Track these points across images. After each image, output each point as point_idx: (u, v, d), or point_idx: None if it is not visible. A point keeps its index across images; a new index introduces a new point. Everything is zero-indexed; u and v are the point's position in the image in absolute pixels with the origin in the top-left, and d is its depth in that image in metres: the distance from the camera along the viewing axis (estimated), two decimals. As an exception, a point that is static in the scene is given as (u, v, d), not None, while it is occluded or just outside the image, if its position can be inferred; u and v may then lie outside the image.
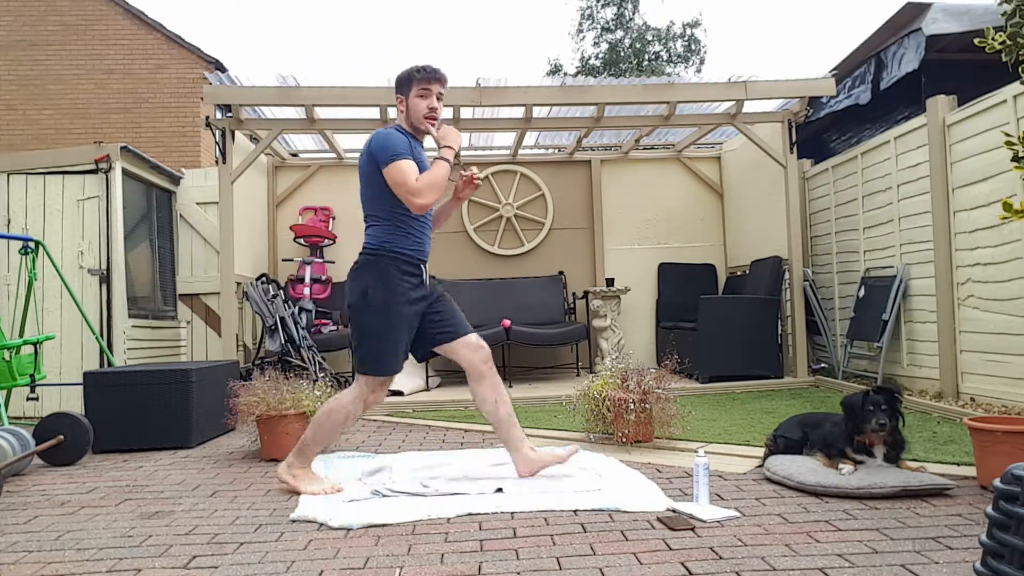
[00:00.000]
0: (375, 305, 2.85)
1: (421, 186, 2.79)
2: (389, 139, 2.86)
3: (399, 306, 2.86)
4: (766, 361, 5.98)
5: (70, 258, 5.59)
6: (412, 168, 2.82)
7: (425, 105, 2.94)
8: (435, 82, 2.95)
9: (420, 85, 2.94)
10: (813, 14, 39.62)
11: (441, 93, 3.00)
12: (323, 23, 49.00)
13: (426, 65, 2.97)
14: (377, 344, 2.87)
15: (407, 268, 2.90)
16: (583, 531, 2.33)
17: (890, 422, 2.70)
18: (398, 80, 2.99)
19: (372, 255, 2.88)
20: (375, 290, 2.84)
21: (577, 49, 22.07)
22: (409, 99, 2.95)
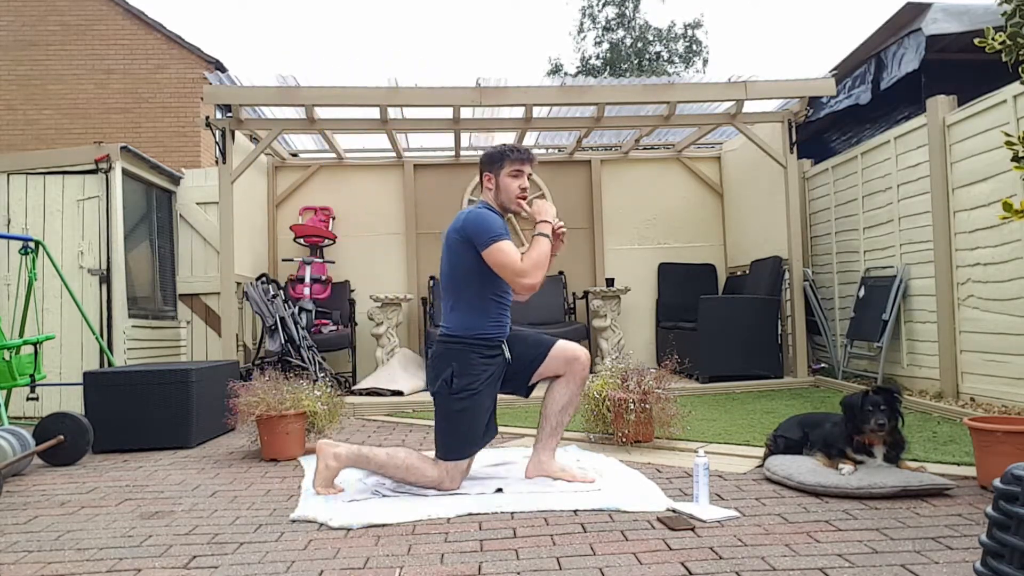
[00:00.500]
0: (462, 393, 2.79)
1: (528, 267, 2.77)
2: (487, 220, 2.83)
3: (482, 391, 2.83)
4: (766, 361, 5.98)
5: (70, 258, 5.59)
6: (515, 250, 2.81)
7: (517, 186, 2.95)
8: (528, 163, 2.98)
9: (514, 166, 2.95)
10: (813, 14, 39.63)
11: (531, 173, 3.02)
12: (323, 23, 49.01)
13: (519, 147, 3.01)
14: (461, 430, 2.81)
15: (490, 352, 2.87)
16: (583, 531, 2.33)
17: (889, 422, 2.70)
18: (488, 158, 2.99)
19: (455, 342, 2.85)
20: (460, 379, 2.79)
21: (578, 49, 22.08)
22: (500, 178, 2.95)
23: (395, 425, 4.71)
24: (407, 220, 7.35)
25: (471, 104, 5.86)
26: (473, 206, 2.97)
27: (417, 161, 7.45)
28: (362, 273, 7.19)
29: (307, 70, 34.42)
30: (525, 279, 2.77)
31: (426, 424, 4.69)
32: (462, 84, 5.81)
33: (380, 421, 4.89)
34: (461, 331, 2.85)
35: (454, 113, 6.09)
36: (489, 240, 2.79)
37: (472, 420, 2.82)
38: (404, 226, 7.35)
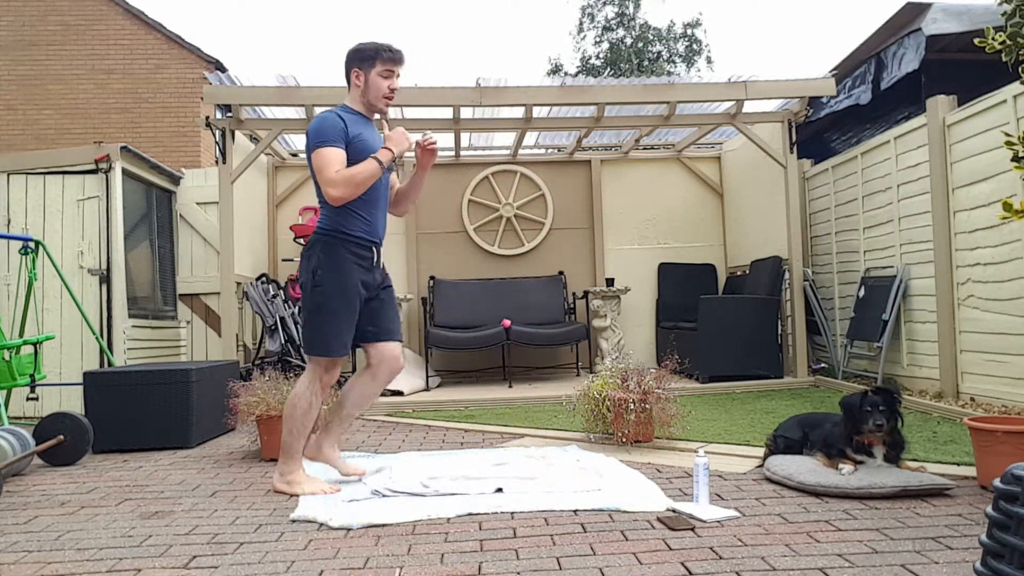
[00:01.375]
0: (324, 285, 2.84)
1: (338, 178, 2.78)
2: (322, 124, 2.84)
3: (348, 288, 2.86)
4: (766, 361, 5.98)
5: (70, 258, 5.59)
6: (335, 157, 2.80)
7: (387, 86, 2.95)
8: (400, 64, 2.96)
9: (385, 65, 2.93)
10: (813, 14, 39.63)
11: (399, 75, 3.00)
12: (323, 23, 49.01)
13: (392, 46, 2.96)
14: (325, 324, 2.86)
15: (357, 250, 2.90)
16: (583, 531, 2.33)
17: (887, 423, 2.70)
18: (358, 54, 2.94)
19: (324, 235, 2.88)
20: (325, 270, 2.85)
21: (578, 48, 22.08)
22: (370, 76, 2.93)
23: (395, 425, 4.71)
24: (407, 220, 7.34)
25: (471, 104, 5.86)
26: (326, 110, 2.96)
27: (417, 161, 7.44)
28: (362, 273, 7.17)
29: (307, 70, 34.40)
30: (331, 189, 2.78)
31: (426, 424, 4.69)
32: (462, 84, 5.81)
33: (380, 421, 4.89)
34: (330, 227, 2.88)
35: (454, 113, 6.09)
36: (316, 144, 2.81)
37: (338, 315, 2.85)
38: (404, 226, 7.34)
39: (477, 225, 7.38)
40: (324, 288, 2.84)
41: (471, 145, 7.46)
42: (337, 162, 2.80)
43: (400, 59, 2.96)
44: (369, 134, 2.96)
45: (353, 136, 2.87)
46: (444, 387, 6.32)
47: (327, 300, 2.85)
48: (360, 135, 2.90)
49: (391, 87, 2.96)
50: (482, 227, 7.39)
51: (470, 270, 7.30)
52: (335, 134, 2.83)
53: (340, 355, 2.93)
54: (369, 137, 2.95)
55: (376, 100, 2.96)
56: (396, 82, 2.98)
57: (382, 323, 3.02)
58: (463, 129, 6.45)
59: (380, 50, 2.93)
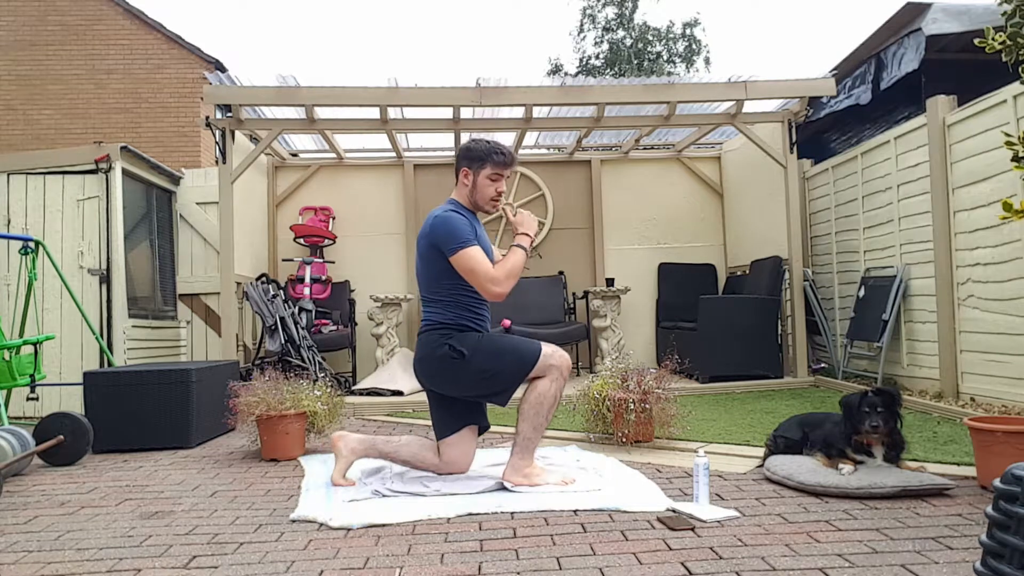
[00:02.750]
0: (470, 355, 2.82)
1: (500, 276, 2.78)
2: (453, 225, 2.81)
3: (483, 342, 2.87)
4: (766, 361, 5.98)
5: (70, 258, 5.59)
6: (483, 255, 2.81)
7: (495, 189, 2.93)
8: (510, 167, 2.94)
9: (496, 170, 2.91)
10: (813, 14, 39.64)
11: (508, 176, 2.99)
12: (323, 23, 49.01)
13: (505, 150, 2.93)
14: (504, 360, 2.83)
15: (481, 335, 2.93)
16: (583, 531, 2.33)
17: (884, 425, 2.70)
18: (469, 153, 2.93)
19: (440, 327, 2.88)
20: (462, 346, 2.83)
21: (578, 49, 22.07)
22: (478, 178, 2.92)
23: (395, 425, 4.71)
24: (407, 220, 7.35)
25: (471, 104, 5.86)
26: (441, 207, 2.95)
27: (417, 161, 7.45)
28: (362, 273, 7.19)
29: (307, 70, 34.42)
30: (495, 287, 2.78)
31: (426, 424, 4.68)
32: (462, 84, 5.82)
33: (380, 421, 4.89)
34: (445, 319, 2.89)
35: (454, 113, 6.09)
36: (457, 247, 2.79)
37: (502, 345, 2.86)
38: (404, 226, 7.35)
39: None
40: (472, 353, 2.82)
41: (471, 145, 7.44)
42: (485, 259, 2.81)
43: (510, 163, 2.94)
44: (480, 230, 2.98)
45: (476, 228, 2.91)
46: (444, 387, 6.31)
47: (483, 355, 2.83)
48: (477, 232, 2.91)
49: (499, 190, 2.95)
50: (482, 227, 7.38)
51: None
52: (469, 231, 2.83)
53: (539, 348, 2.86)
54: (482, 233, 2.98)
55: (483, 203, 2.96)
56: (503, 185, 2.96)
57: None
58: (463, 129, 6.44)
59: (492, 152, 2.90)
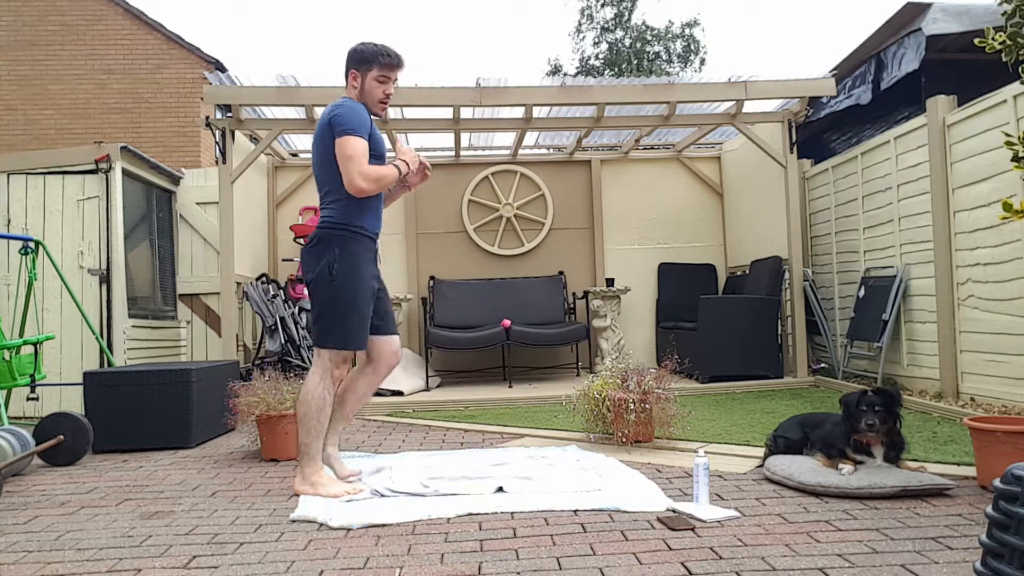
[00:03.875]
0: (340, 279, 2.84)
1: (371, 174, 2.80)
2: (353, 112, 2.84)
3: (364, 280, 2.89)
4: (766, 361, 5.98)
5: (70, 258, 5.59)
6: (364, 149, 2.81)
7: (382, 91, 2.94)
8: (396, 70, 2.94)
9: (382, 71, 2.92)
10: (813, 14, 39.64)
11: (396, 79, 2.98)
12: (323, 23, 49.01)
13: (391, 51, 2.93)
14: (344, 317, 2.85)
15: (367, 243, 2.94)
16: (583, 531, 2.33)
17: (881, 424, 2.70)
18: (357, 56, 2.92)
19: (336, 229, 2.88)
20: (341, 263, 2.84)
21: (577, 49, 22.09)
22: (366, 80, 2.92)
23: (395, 425, 4.71)
24: (407, 220, 7.35)
25: (471, 104, 5.86)
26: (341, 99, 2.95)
27: (417, 161, 7.44)
28: (362, 273, 7.18)
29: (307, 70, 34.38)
30: (362, 182, 2.78)
31: (426, 424, 4.69)
32: (462, 84, 5.81)
33: (380, 421, 4.89)
34: (343, 220, 2.88)
35: (454, 113, 6.08)
36: (345, 130, 2.80)
37: (359, 308, 2.88)
38: (404, 226, 7.35)
39: (477, 225, 7.38)
40: (340, 282, 2.84)
41: (471, 145, 7.46)
42: (366, 155, 2.82)
43: (397, 65, 2.93)
44: (377, 133, 2.99)
45: (372, 127, 2.92)
46: (444, 387, 6.32)
47: (342, 293, 2.85)
48: (374, 133, 2.93)
49: (386, 92, 2.95)
50: (482, 227, 7.39)
51: (470, 270, 7.30)
52: (364, 126, 2.83)
53: (359, 348, 2.93)
54: (378, 135, 2.98)
55: (371, 105, 2.96)
56: (391, 88, 2.96)
57: (384, 317, 3.06)
58: (463, 129, 6.44)
59: (378, 54, 2.90)
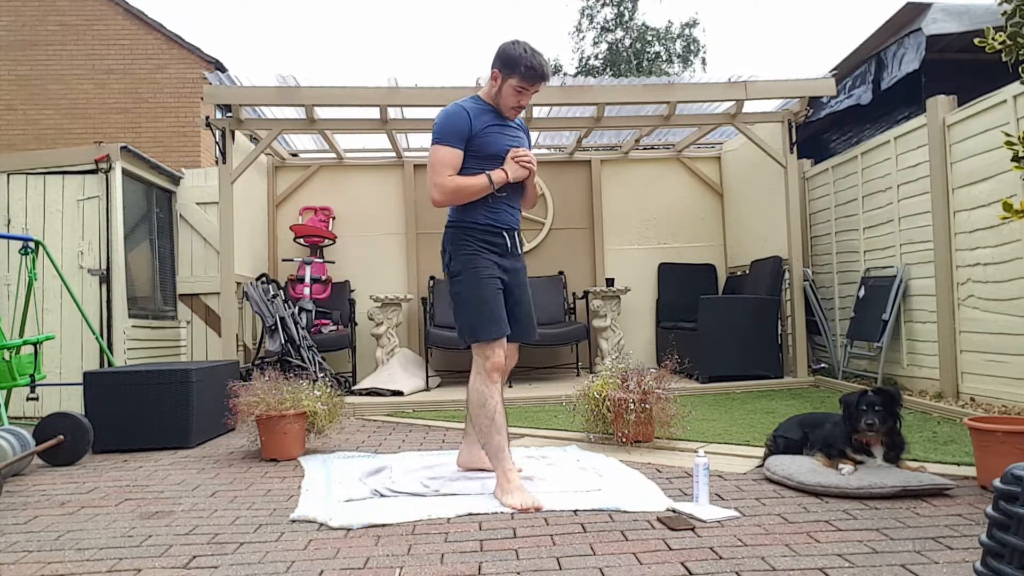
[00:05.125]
0: (459, 274, 2.87)
1: (447, 186, 2.80)
2: (446, 121, 2.84)
3: (482, 271, 2.85)
4: (766, 361, 5.98)
5: (70, 258, 5.59)
6: (450, 160, 2.81)
7: (517, 101, 2.87)
8: (536, 84, 2.85)
9: (522, 81, 2.82)
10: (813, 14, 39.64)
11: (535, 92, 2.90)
12: (323, 23, 49.00)
13: (536, 62, 2.80)
14: (470, 311, 2.85)
15: (485, 237, 2.89)
16: (583, 531, 2.33)
17: (881, 424, 2.70)
18: (504, 57, 2.82)
19: (449, 228, 2.93)
20: (456, 259, 2.89)
21: (577, 49, 22.11)
22: (504, 84, 2.84)
23: (395, 425, 4.71)
24: (407, 220, 7.35)
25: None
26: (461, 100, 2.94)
27: (417, 161, 7.44)
28: (362, 273, 7.19)
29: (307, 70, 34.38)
30: (436, 193, 2.83)
31: (426, 424, 4.69)
32: (462, 84, 5.81)
33: (380, 421, 4.89)
34: (456, 218, 2.91)
35: (454, 113, 6.07)
36: (436, 139, 2.84)
37: (476, 302, 2.83)
38: (404, 226, 7.35)
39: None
40: (460, 278, 2.87)
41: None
42: (451, 166, 2.81)
43: (537, 79, 2.82)
44: (498, 127, 2.90)
45: (478, 130, 2.84)
46: (444, 387, 6.32)
47: (464, 288, 2.86)
48: (486, 128, 2.86)
49: (520, 103, 2.88)
50: (482, 227, 7.37)
51: (470, 270, 7.28)
52: (456, 136, 2.81)
53: (492, 336, 2.82)
54: (496, 130, 2.89)
55: (503, 109, 2.91)
56: (527, 100, 2.89)
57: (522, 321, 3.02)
58: (463, 129, 6.43)
59: (522, 64, 2.79)
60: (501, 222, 2.92)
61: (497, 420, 2.79)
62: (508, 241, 2.93)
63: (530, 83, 2.83)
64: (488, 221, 2.89)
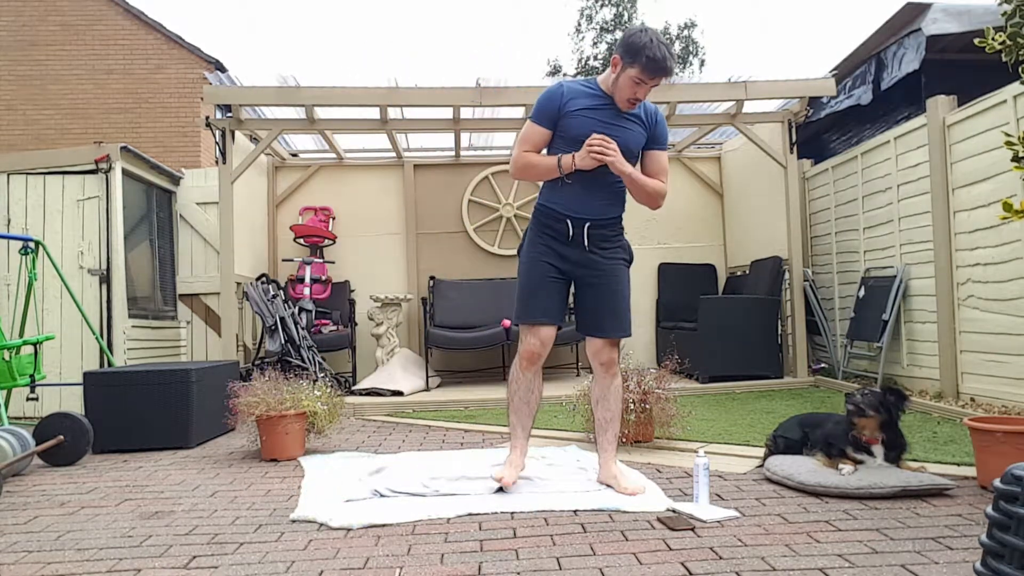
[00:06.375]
0: (522, 253, 2.94)
1: (520, 160, 2.84)
2: (542, 96, 2.84)
3: (533, 256, 2.87)
4: (766, 361, 5.98)
5: (70, 258, 5.59)
6: (532, 135, 2.83)
7: (633, 92, 2.75)
8: (657, 78, 2.73)
9: (643, 72, 2.67)
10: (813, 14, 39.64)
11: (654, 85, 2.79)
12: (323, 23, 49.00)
13: (662, 57, 2.66)
14: (520, 291, 2.90)
15: (548, 221, 2.84)
16: (583, 531, 2.33)
17: (863, 399, 2.72)
18: (627, 44, 2.69)
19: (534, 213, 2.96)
20: (524, 239, 2.95)
21: (576, 49, 22.12)
22: (623, 74, 2.71)
23: (395, 425, 4.71)
24: (407, 220, 7.35)
25: (471, 104, 5.86)
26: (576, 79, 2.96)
27: (417, 161, 7.45)
28: (362, 273, 7.19)
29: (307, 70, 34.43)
30: (513, 165, 2.89)
31: (426, 424, 4.69)
32: (462, 84, 5.82)
33: (380, 421, 4.89)
34: (540, 199, 2.92)
35: (454, 113, 6.08)
36: (530, 115, 2.87)
37: (527, 282, 2.87)
38: (404, 226, 7.35)
39: (477, 225, 7.37)
40: (522, 256, 2.93)
41: (471, 145, 7.45)
42: (530, 142, 2.83)
43: (658, 73, 2.68)
44: (595, 111, 2.77)
45: (571, 109, 2.77)
46: (444, 387, 6.32)
47: (523, 267, 2.91)
48: (578, 111, 2.77)
49: (636, 96, 2.74)
50: (482, 227, 7.39)
51: (470, 270, 7.30)
52: (543, 113, 2.81)
53: (524, 320, 2.87)
54: (588, 114, 2.77)
55: (619, 100, 2.76)
56: (643, 94, 2.77)
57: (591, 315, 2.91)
58: (463, 129, 6.44)
59: (644, 53, 2.65)
60: (567, 208, 2.80)
61: (514, 402, 2.95)
62: (572, 229, 2.80)
63: (650, 76, 2.68)
64: (552, 205, 2.84)
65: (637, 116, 2.84)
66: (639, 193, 2.83)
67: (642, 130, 2.84)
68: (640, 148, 2.85)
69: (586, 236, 2.81)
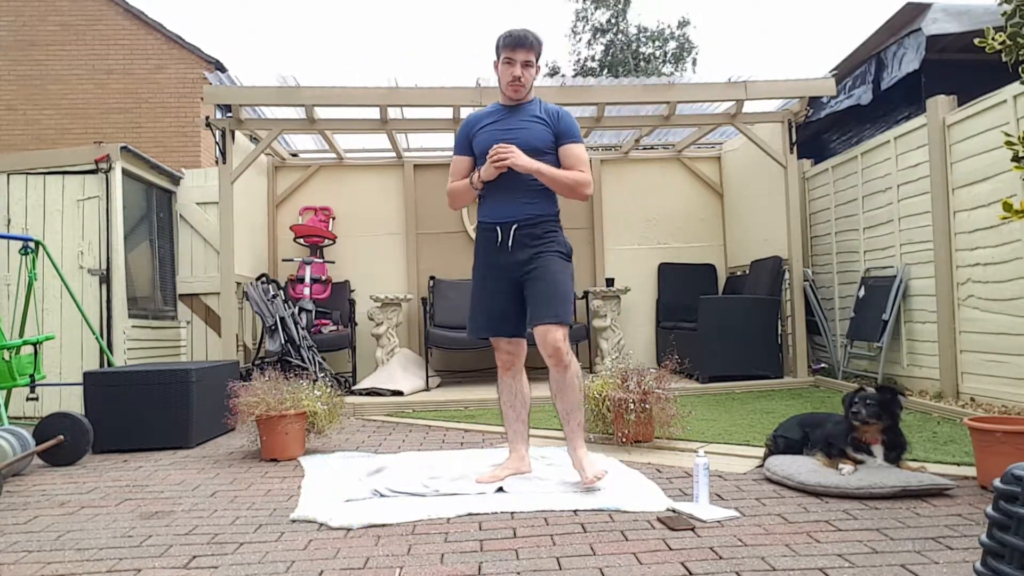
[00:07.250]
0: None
1: (448, 191, 3.08)
2: (459, 129, 3.08)
3: (476, 270, 3.07)
4: (766, 361, 5.98)
5: (70, 258, 5.59)
6: (458, 165, 3.06)
7: (510, 74, 2.86)
8: (518, 49, 2.83)
9: (504, 53, 2.86)
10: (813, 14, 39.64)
11: (529, 61, 2.85)
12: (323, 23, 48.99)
13: (510, 31, 2.85)
14: (469, 308, 3.08)
15: (483, 235, 3.03)
16: (583, 531, 2.33)
17: (867, 414, 2.72)
18: (495, 44, 2.92)
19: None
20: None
21: (574, 51, 22.17)
22: (498, 67, 2.92)
23: (395, 425, 4.71)
24: (407, 220, 7.35)
25: (471, 104, 5.85)
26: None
27: (417, 161, 7.45)
28: (362, 273, 7.19)
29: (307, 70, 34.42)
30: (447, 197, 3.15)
31: (426, 424, 4.69)
32: (462, 84, 5.81)
33: (380, 421, 4.89)
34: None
35: (454, 113, 6.08)
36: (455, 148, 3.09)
37: (472, 299, 3.08)
38: (404, 226, 7.35)
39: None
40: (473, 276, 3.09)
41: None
42: (454, 173, 3.06)
43: (517, 44, 2.82)
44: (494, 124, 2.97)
45: (476, 130, 3.00)
46: (444, 387, 6.32)
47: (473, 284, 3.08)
48: (481, 129, 2.99)
49: (513, 75, 2.86)
50: (482, 227, 7.37)
51: (470, 270, 7.25)
52: (459, 143, 3.06)
53: (473, 337, 3.10)
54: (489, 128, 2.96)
55: (505, 90, 2.95)
56: (518, 69, 2.85)
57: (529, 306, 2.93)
58: (463, 129, 6.44)
59: (500, 38, 2.88)
60: (493, 216, 2.99)
61: (503, 408, 3.14)
62: (500, 235, 2.95)
63: (511, 49, 2.86)
64: (483, 218, 3.03)
65: (538, 116, 2.96)
66: (556, 185, 2.92)
67: (545, 128, 2.94)
68: (547, 144, 2.93)
69: (514, 238, 2.93)
